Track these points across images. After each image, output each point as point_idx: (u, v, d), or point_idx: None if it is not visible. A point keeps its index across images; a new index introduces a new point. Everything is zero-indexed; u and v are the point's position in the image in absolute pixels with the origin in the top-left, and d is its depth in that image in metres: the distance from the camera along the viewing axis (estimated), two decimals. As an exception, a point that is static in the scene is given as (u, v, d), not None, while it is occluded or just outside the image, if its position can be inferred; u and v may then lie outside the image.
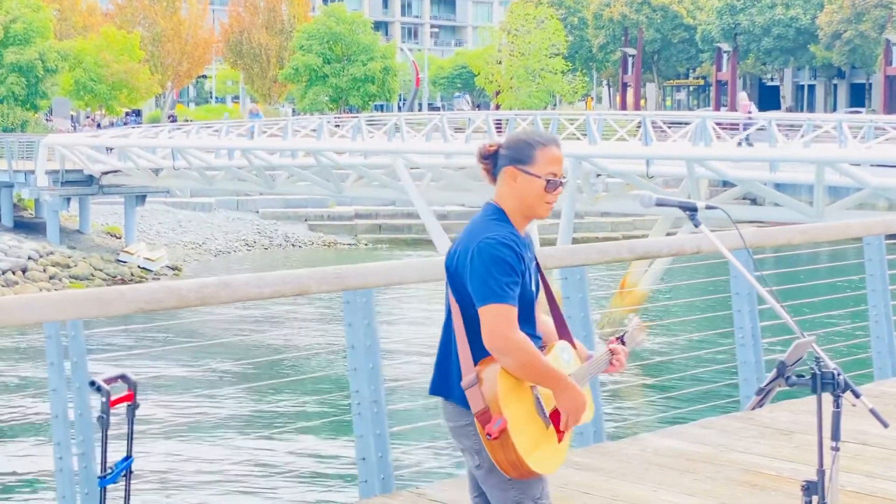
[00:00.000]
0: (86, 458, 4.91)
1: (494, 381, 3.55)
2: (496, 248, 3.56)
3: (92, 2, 73.04)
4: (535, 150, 3.66)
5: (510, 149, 3.69)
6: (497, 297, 3.53)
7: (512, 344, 3.53)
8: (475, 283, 3.57)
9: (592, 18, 78.39)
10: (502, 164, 3.69)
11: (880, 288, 8.40)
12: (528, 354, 3.55)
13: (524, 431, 3.56)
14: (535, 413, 3.61)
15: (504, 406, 3.53)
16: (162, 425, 16.14)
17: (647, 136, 28.37)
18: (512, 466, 3.57)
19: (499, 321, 3.53)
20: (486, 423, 3.53)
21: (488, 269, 3.55)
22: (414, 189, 31.48)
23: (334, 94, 66.57)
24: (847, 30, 64.70)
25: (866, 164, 25.60)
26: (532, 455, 3.57)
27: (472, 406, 3.56)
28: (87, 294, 4.76)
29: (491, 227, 3.63)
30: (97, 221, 44.23)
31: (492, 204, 3.71)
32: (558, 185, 3.68)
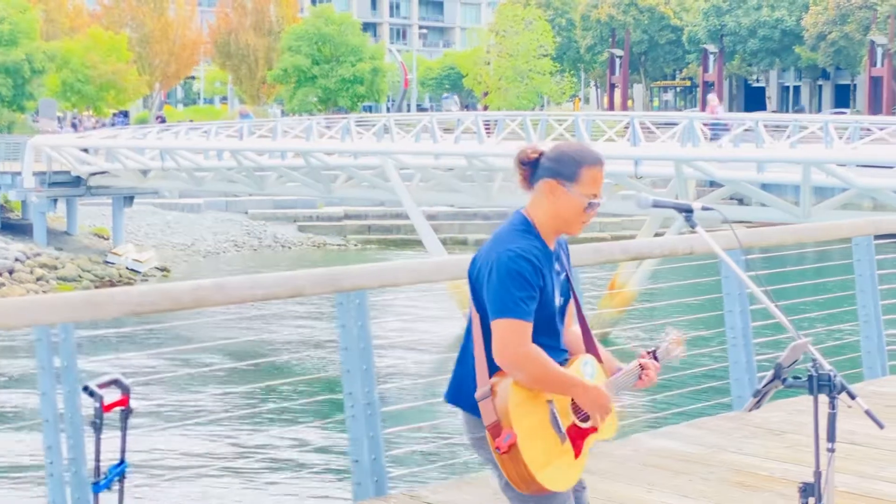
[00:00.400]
0: (76, 463, 4.89)
1: (506, 394, 3.48)
2: (515, 260, 3.48)
3: (79, 2, 72.85)
4: (581, 168, 3.55)
5: (555, 161, 3.57)
6: (510, 311, 3.47)
7: (523, 358, 3.47)
8: (490, 295, 3.51)
9: (580, 20, 78.47)
10: (543, 175, 3.59)
11: (869, 288, 8.43)
12: (539, 366, 3.49)
13: (536, 447, 3.49)
14: (550, 428, 3.54)
15: (515, 420, 3.46)
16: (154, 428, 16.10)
17: (636, 136, 28.40)
18: (523, 481, 3.51)
19: (509, 336, 3.47)
20: (497, 437, 3.47)
21: (504, 282, 3.48)
22: (403, 190, 31.46)
23: (323, 95, 66.51)
24: (832, 31, 64.88)
25: (852, 164, 25.68)
26: (544, 471, 3.50)
27: (485, 419, 3.50)
28: (79, 297, 4.73)
29: (514, 238, 3.55)
30: (85, 223, 44.09)
31: (521, 214, 3.63)
32: (596, 207, 3.59)
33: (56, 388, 4.94)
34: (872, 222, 8.49)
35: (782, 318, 3.61)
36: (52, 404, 4.98)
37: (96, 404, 3.24)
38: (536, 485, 3.50)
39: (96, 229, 44.16)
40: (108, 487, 3.29)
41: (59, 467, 4.93)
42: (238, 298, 5.02)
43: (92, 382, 3.28)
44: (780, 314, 3.59)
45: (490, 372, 3.54)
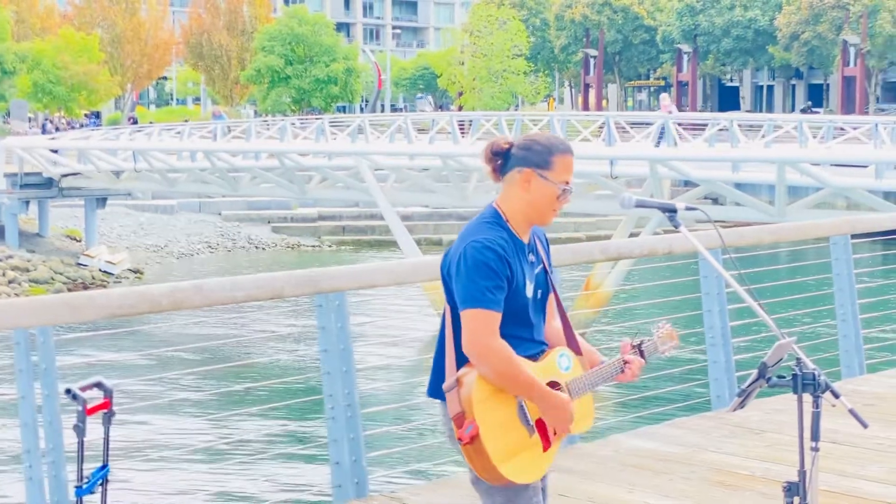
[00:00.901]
0: (57, 467, 4.84)
1: (472, 386, 3.48)
2: (481, 251, 3.49)
3: (50, 3, 72.43)
4: (553, 156, 3.57)
5: (527, 150, 3.59)
6: (476, 301, 3.48)
7: (489, 351, 3.47)
8: (459, 287, 3.52)
9: (554, 20, 78.60)
10: (515, 164, 3.60)
11: (847, 287, 8.46)
12: (503, 362, 3.48)
13: (501, 438, 3.49)
14: (518, 420, 3.53)
15: (478, 412, 3.46)
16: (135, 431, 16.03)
17: (611, 136, 28.46)
18: (485, 472, 3.50)
19: (477, 327, 3.47)
20: (460, 428, 3.47)
21: (470, 273, 3.49)
22: (378, 190, 31.42)
23: (297, 95, 66.36)
24: (805, 31, 65.24)
25: (826, 163, 25.82)
26: (507, 463, 3.49)
27: (450, 410, 3.51)
28: (57, 300, 4.69)
29: (482, 230, 3.56)
30: (57, 224, 43.79)
31: (492, 206, 3.64)
32: (569, 194, 3.61)
33: (35, 391, 4.89)
34: (849, 222, 8.53)
35: (766, 318, 3.61)
36: (31, 407, 4.94)
37: (79, 407, 3.21)
38: (498, 476, 3.49)
39: (69, 231, 43.87)
40: (91, 491, 3.26)
41: (39, 471, 4.89)
42: (217, 300, 4.99)
43: (74, 385, 3.24)
44: (764, 313, 3.60)
45: (458, 364, 3.55)
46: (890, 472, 6.13)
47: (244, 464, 15.58)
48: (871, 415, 7.28)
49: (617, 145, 28.38)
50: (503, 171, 3.62)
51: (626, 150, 28.18)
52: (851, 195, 25.81)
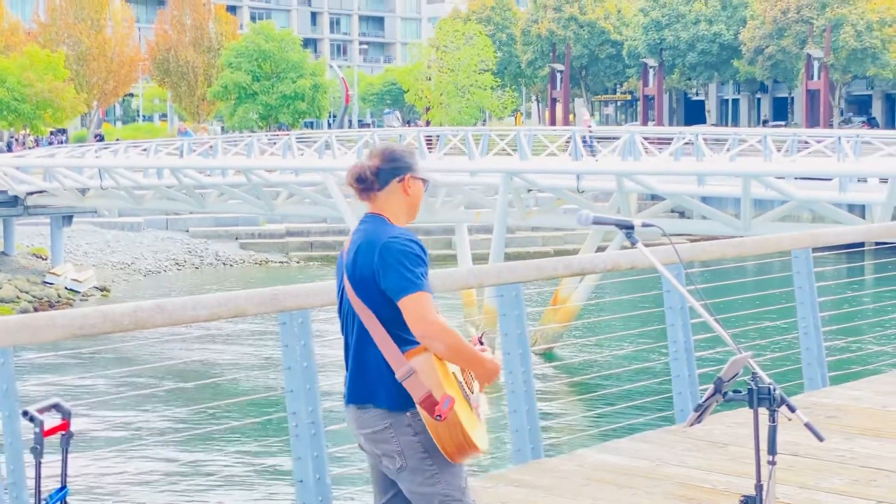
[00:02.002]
0: (17, 488, 4.82)
1: (432, 366, 3.70)
2: (404, 243, 3.76)
3: (14, 21, 71.95)
4: (415, 158, 3.95)
5: (397, 161, 3.91)
6: (415, 286, 3.70)
7: (439, 328, 3.70)
8: (391, 280, 3.72)
9: (520, 34, 78.90)
10: (391, 177, 3.90)
11: (808, 300, 8.53)
12: (453, 336, 3.73)
13: (462, 412, 3.74)
14: (461, 395, 3.79)
15: (447, 386, 3.70)
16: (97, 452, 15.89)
17: (577, 151, 28.59)
18: (454, 445, 3.71)
19: (424, 309, 3.70)
20: (433, 407, 3.66)
21: (402, 262, 3.72)
22: (345, 206, 31.41)
23: (264, 111, 66.25)
24: (769, 45, 65.77)
25: (791, 176, 26.04)
26: (473, 431, 3.75)
27: (415, 395, 3.69)
28: (17, 321, 4.67)
29: (388, 229, 3.82)
30: (22, 243, 43.50)
31: (374, 215, 3.89)
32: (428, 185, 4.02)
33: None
34: (811, 235, 8.60)
35: (722, 332, 3.65)
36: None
37: (36, 429, 3.20)
38: (471, 444, 3.74)
39: (34, 249, 43.58)
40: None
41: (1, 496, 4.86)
42: (179, 320, 4.98)
43: (32, 407, 3.24)
44: (720, 328, 3.64)
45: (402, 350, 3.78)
46: (850, 483, 6.18)
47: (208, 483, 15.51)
48: (832, 427, 7.35)
49: (583, 160, 28.51)
50: (381, 187, 3.90)
51: (593, 164, 28.32)
52: (816, 208, 26.02)
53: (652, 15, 70.75)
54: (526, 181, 28.21)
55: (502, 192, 27.67)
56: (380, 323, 3.75)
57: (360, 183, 3.89)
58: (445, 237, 41.47)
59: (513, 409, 6.62)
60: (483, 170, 29.93)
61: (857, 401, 8.10)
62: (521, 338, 6.67)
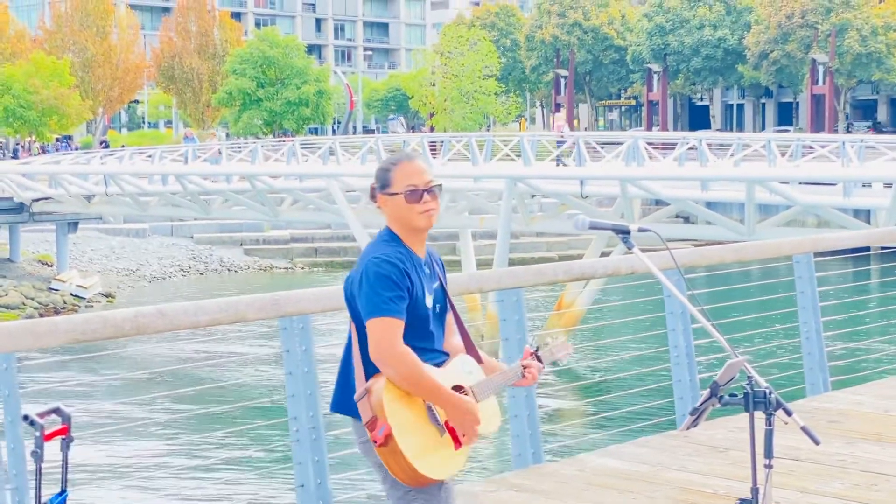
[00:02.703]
0: (21, 493, 4.84)
1: (381, 391, 3.69)
2: (379, 265, 3.75)
3: (20, 28, 72.15)
4: (390, 172, 3.88)
5: (376, 179, 3.93)
6: (380, 311, 3.71)
7: (393, 356, 3.69)
8: (362, 301, 3.76)
9: (525, 40, 78.97)
10: (376, 196, 3.93)
11: (810, 305, 8.54)
12: (408, 367, 3.69)
13: (413, 438, 3.69)
14: (428, 421, 3.74)
15: (389, 413, 3.67)
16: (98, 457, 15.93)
17: (581, 156, 28.61)
18: (403, 472, 3.69)
19: (382, 334, 3.70)
20: (373, 431, 3.67)
21: (372, 285, 3.74)
22: (350, 212, 31.45)
23: (268, 117, 66.36)
24: (774, 50, 65.79)
25: (795, 181, 26.03)
26: (421, 459, 3.68)
27: (363, 417, 3.72)
28: (19, 326, 4.70)
29: (378, 248, 3.83)
30: (28, 249, 43.59)
31: (385, 228, 3.93)
32: (421, 194, 3.86)
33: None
34: (813, 240, 8.61)
35: (719, 337, 3.67)
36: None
37: (37, 433, 3.23)
38: (415, 472, 3.69)
39: (40, 256, 43.67)
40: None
41: (1, 496, 4.89)
42: (180, 325, 5.01)
43: (32, 412, 3.26)
44: (717, 332, 3.65)
45: (367, 375, 3.78)
46: (851, 488, 6.19)
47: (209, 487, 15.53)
48: (834, 432, 7.36)
49: (587, 165, 28.54)
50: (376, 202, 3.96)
51: (596, 170, 28.34)
52: (821, 213, 26.00)
53: (656, 20, 70.80)
54: (530, 187, 28.25)
55: (506, 198, 27.70)
56: (357, 339, 3.81)
57: (372, 201, 3.97)
58: (449, 243, 41.50)
59: (514, 414, 6.64)
60: (487, 175, 29.98)
61: (859, 406, 8.11)
62: (522, 342, 6.69)
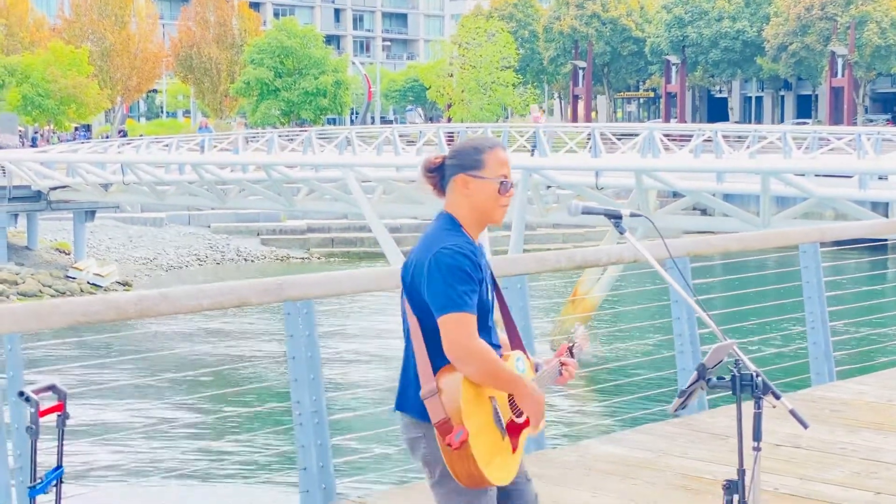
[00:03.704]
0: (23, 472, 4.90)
1: (457, 392, 3.55)
2: (453, 257, 3.56)
3: (39, 17, 72.44)
4: (483, 155, 3.67)
5: (458, 157, 3.69)
6: (456, 305, 3.54)
7: (472, 352, 3.54)
8: (433, 294, 3.57)
9: (543, 31, 78.84)
10: (451, 174, 3.69)
11: (816, 295, 8.55)
12: (488, 362, 3.56)
13: (483, 442, 3.57)
14: (493, 423, 3.62)
15: (466, 417, 3.53)
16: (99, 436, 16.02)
17: (596, 147, 28.59)
18: (469, 477, 3.56)
19: (459, 330, 3.53)
20: (447, 434, 3.52)
21: (446, 278, 3.55)
22: (365, 202, 31.51)
23: (286, 107, 66.47)
24: (793, 42, 65.53)
25: (811, 174, 25.94)
26: (489, 465, 3.57)
27: (433, 416, 3.55)
28: (23, 308, 4.76)
29: (445, 237, 3.62)
30: (45, 237, 43.82)
31: (445, 214, 3.71)
32: (510, 187, 3.70)
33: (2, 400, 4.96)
34: (819, 230, 8.62)
35: (707, 319, 3.70)
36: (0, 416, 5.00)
37: (32, 410, 3.28)
38: (483, 480, 3.57)
39: (57, 244, 43.90)
40: (44, 491, 3.33)
41: (6, 477, 4.96)
42: (183, 308, 5.06)
43: (28, 388, 3.32)
44: (706, 316, 3.69)
45: (434, 370, 3.59)
46: (851, 475, 6.21)
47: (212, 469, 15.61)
48: (837, 420, 7.38)
49: (602, 156, 28.51)
50: (444, 184, 3.73)
51: (612, 161, 28.31)
52: (837, 205, 25.91)
53: (675, 12, 70.60)
54: (545, 178, 28.23)
55: (521, 189, 27.68)
56: (421, 333, 3.63)
57: (427, 174, 3.74)
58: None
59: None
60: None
61: (863, 395, 8.12)
62: (526, 330, 6.71)
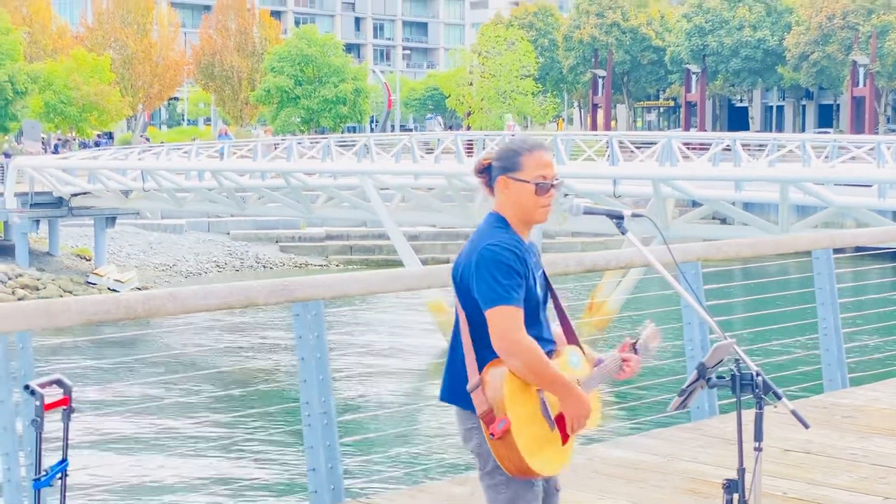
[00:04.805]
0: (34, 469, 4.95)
1: (500, 383, 3.66)
2: (499, 253, 3.70)
3: (62, 24, 72.91)
4: (521, 157, 3.80)
5: (500, 159, 3.84)
6: (502, 299, 3.66)
7: (519, 346, 3.65)
8: (481, 288, 3.70)
9: (562, 40, 78.85)
10: (496, 175, 3.83)
11: (829, 301, 8.53)
12: (534, 357, 3.66)
13: (527, 433, 3.66)
14: (540, 415, 3.71)
15: (509, 407, 3.64)
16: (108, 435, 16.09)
17: (614, 156, 28.58)
18: (515, 466, 3.66)
19: (505, 323, 3.65)
20: (490, 423, 3.63)
21: (492, 273, 3.68)
22: (383, 210, 31.56)
23: (306, 115, 66.66)
24: (814, 51, 65.35)
25: (830, 182, 25.86)
26: (535, 456, 3.67)
27: (477, 408, 3.67)
28: (33, 306, 4.82)
29: (493, 234, 3.76)
30: (67, 243, 44.06)
31: (493, 213, 3.85)
32: (549, 188, 3.82)
33: (13, 396, 5.02)
34: (830, 236, 8.61)
35: (708, 319, 3.72)
36: (10, 413, 5.06)
37: (37, 402, 3.33)
38: (527, 469, 3.67)
39: (78, 250, 44.12)
40: (49, 484, 3.37)
41: (17, 474, 5.01)
42: (191, 308, 5.11)
43: (33, 381, 3.36)
44: (707, 316, 3.71)
45: (480, 364, 3.72)
46: (859, 480, 6.21)
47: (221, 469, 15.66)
48: (848, 426, 7.37)
49: (620, 165, 28.50)
50: (491, 185, 3.87)
51: (629, 169, 28.29)
52: (857, 215, 25.81)
53: (695, 21, 70.51)
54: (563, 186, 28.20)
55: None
56: (468, 326, 3.75)
57: (478, 175, 3.89)
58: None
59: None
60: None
61: (876, 402, 8.11)
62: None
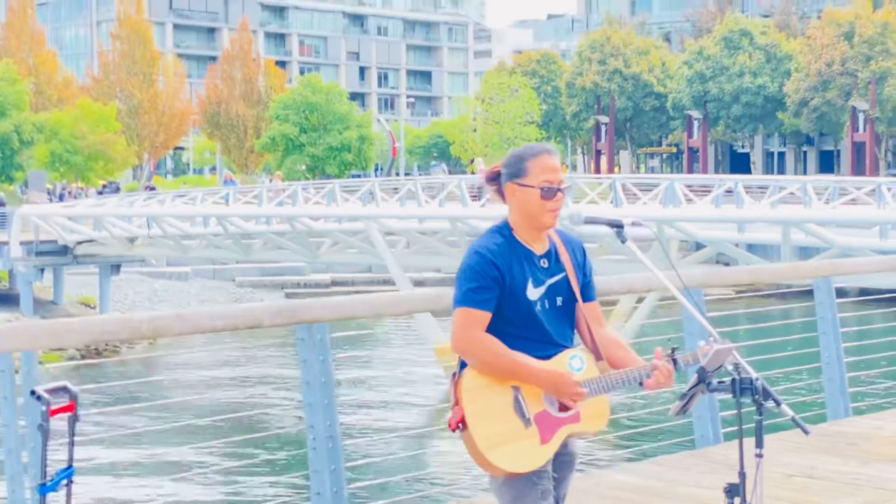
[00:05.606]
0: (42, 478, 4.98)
1: (464, 380, 3.73)
2: (469, 256, 3.79)
3: (69, 74, 73.47)
4: (527, 162, 3.85)
5: (507, 166, 3.88)
6: (460, 301, 3.75)
7: (473, 344, 3.71)
8: (455, 292, 3.82)
9: (565, 87, 79.25)
10: (504, 182, 3.88)
11: (831, 330, 8.54)
12: (486, 352, 3.70)
13: (490, 427, 3.69)
14: (513, 411, 3.72)
15: (467, 400, 3.69)
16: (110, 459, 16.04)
17: (618, 198, 28.67)
18: (479, 459, 3.70)
19: (459, 323, 3.73)
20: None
21: (459, 277, 3.80)
22: (388, 254, 31.62)
23: (311, 162, 66.98)
24: (814, 97, 65.64)
25: (831, 223, 25.92)
26: (496, 450, 3.68)
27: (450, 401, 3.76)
28: (39, 326, 4.86)
29: (481, 238, 3.85)
30: (71, 292, 44.10)
31: (503, 219, 3.92)
32: (555, 192, 3.86)
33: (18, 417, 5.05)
34: (832, 264, 8.64)
35: (704, 321, 3.76)
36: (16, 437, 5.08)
37: (43, 408, 3.36)
38: (489, 464, 3.68)
39: (83, 298, 44.15)
40: (54, 489, 3.40)
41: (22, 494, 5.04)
42: (197, 328, 5.15)
43: (39, 388, 3.40)
44: (701, 317, 3.74)
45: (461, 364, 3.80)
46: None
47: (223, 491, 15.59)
48: (851, 453, 7.37)
49: (623, 207, 28.57)
50: (502, 192, 3.92)
51: (633, 211, 28.34)
52: (858, 255, 25.83)
53: (696, 67, 70.89)
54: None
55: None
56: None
57: (489, 184, 3.94)
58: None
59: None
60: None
61: (879, 430, 8.10)
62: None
